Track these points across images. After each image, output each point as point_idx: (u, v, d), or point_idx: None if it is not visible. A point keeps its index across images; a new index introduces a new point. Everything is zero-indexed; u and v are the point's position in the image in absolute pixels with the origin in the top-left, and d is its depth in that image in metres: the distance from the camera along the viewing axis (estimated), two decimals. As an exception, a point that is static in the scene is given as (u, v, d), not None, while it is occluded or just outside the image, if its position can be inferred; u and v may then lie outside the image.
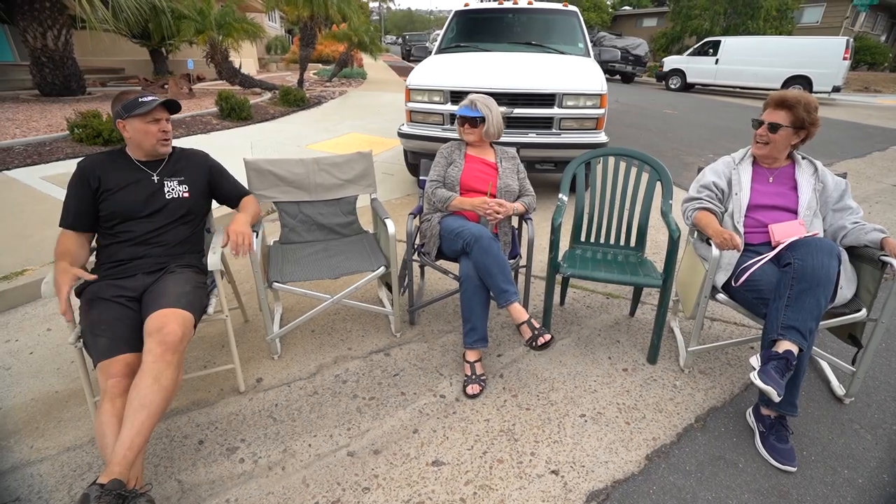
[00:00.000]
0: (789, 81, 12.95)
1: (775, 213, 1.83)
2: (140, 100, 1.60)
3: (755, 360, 1.54)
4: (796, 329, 1.49)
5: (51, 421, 1.70)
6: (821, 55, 12.36)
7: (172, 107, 1.68)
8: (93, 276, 1.54)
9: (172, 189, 1.71)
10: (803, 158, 1.92)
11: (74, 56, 7.62)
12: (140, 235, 1.64)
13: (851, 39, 12.67)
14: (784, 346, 1.49)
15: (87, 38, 8.60)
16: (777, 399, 1.43)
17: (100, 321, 1.45)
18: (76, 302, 1.56)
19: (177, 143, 1.77)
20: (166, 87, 8.49)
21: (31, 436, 1.63)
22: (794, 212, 1.82)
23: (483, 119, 2.18)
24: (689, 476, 1.51)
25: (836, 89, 12.41)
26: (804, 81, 12.66)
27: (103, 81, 9.70)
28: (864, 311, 1.64)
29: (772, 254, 1.72)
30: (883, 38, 24.81)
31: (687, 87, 15.60)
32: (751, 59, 13.63)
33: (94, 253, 1.70)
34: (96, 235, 1.70)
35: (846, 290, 1.65)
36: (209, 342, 2.15)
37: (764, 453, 1.59)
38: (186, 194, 1.74)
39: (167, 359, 1.36)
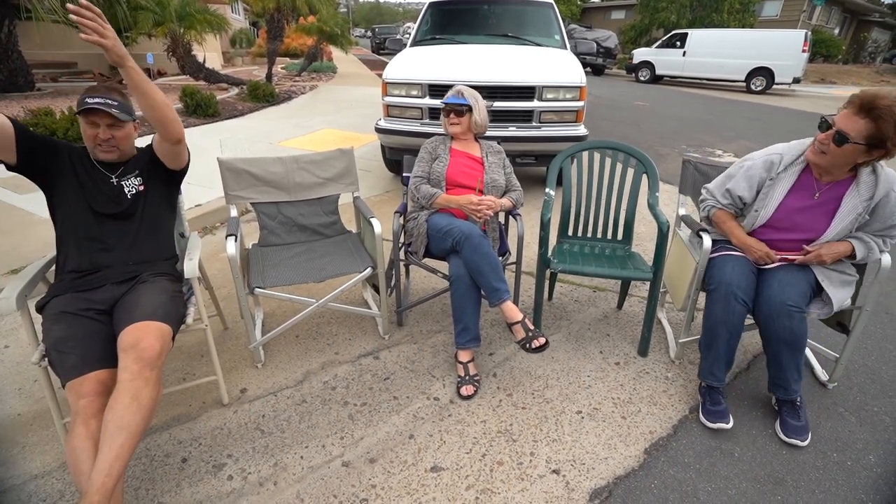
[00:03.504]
0: (753, 73, 13.42)
1: (788, 238, 1.67)
2: (86, 98, 1.46)
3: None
4: (783, 388, 1.64)
5: (14, 447, 1.56)
6: (781, 47, 12.84)
7: (115, 115, 1.48)
8: None
9: (132, 187, 1.59)
10: (872, 173, 1.50)
11: (20, 49, 7.13)
12: (105, 242, 1.52)
13: (809, 32, 13.20)
14: (781, 397, 1.68)
15: (34, 30, 8.05)
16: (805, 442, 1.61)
17: (67, 337, 1.33)
18: (38, 318, 1.44)
19: (141, 142, 1.63)
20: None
21: (-7, 465, 1.50)
22: (811, 240, 1.62)
23: (470, 108, 2.14)
24: (689, 468, 1.52)
25: (797, 80, 12.94)
26: (767, 73, 13.14)
27: (54, 76, 9.13)
28: (848, 301, 1.67)
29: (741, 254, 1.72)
30: (836, 32, 25.97)
31: (656, 79, 15.95)
32: (716, 51, 14.04)
33: (54, 264, 1.57)
34: (56, 240, 1.55)
35: (842, 294, 1.61)
36: (186, 353, 2.03)
37: (703, 420, 1.69)
38: (142, 187, 1.61)
39: (145, 375, 1.26)
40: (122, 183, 1.58)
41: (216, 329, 2.18)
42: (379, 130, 3.85)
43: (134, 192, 1.59)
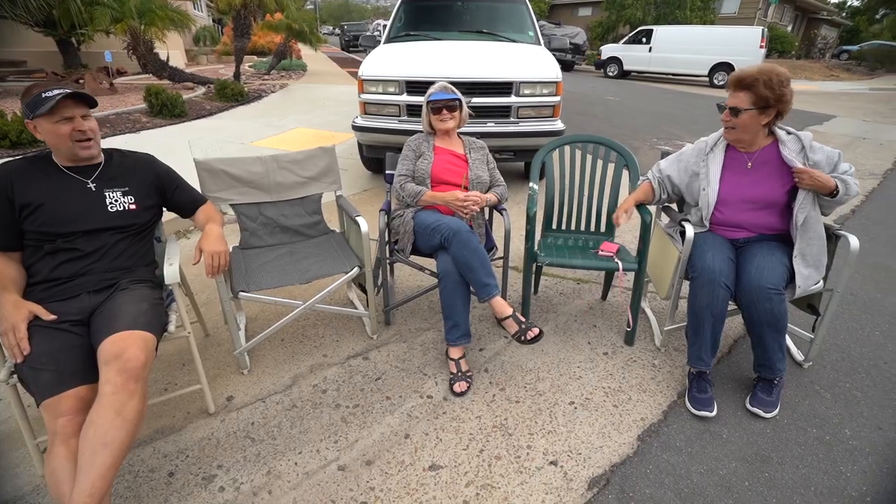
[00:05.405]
0: (715, 68, 13.90)
1: (753, 209, 1.76)
2: (43, 95, 1.35)
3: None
4: (769, 367, 1.72)
5: (-18, 471, 1.47)
6: (741, 43, 13.37)
7: (87, 101, 1.43)
8: (52, 316, 1.32)
9: (116, 201, 1.50)
10: (789, 134, 1.73)
11: (-36, 47, 6.67)
12: (81, 251, 1.43)
13: (766, 29, 13.77)
14: (765, 377, 1.75)
15: (-21, 27, 7.58)
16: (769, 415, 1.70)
17: (40, 353, 1.24)
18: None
19: (110, 142, 1.55)
20: (82, 81, 7.65)
21: (-41, 491, 1.40)
22: (779, 203, 1.71)
23: (460, 101, 2.14)
24: (681, 452, 1.56)
25: (755, 75, 13.48)
26: (728, 68, 13.64)
27: (2, 76, 8.59)
28: (821, 283, 1.75)
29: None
30: (789, 28, 27.19)
31: (624, 75, 16.30)
32: (680, 47, 14.50)
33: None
34: (23, 249, 1.44)
35: (816, 275, 1.70)
36: (167, 362, 1.95)
37: (689, 406, 1.73)
38: (133, 206, 1.53)
39: (130, 388, 1.20)
40: (105, 193, 1.49)
41: (197, 336, 2.09)
42: (356, 128, 3.79)
43: (121, 209, 1.51)
